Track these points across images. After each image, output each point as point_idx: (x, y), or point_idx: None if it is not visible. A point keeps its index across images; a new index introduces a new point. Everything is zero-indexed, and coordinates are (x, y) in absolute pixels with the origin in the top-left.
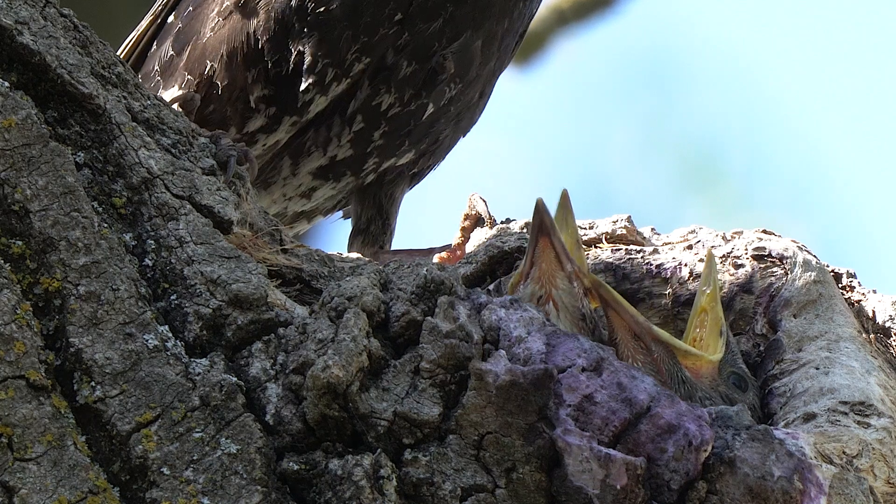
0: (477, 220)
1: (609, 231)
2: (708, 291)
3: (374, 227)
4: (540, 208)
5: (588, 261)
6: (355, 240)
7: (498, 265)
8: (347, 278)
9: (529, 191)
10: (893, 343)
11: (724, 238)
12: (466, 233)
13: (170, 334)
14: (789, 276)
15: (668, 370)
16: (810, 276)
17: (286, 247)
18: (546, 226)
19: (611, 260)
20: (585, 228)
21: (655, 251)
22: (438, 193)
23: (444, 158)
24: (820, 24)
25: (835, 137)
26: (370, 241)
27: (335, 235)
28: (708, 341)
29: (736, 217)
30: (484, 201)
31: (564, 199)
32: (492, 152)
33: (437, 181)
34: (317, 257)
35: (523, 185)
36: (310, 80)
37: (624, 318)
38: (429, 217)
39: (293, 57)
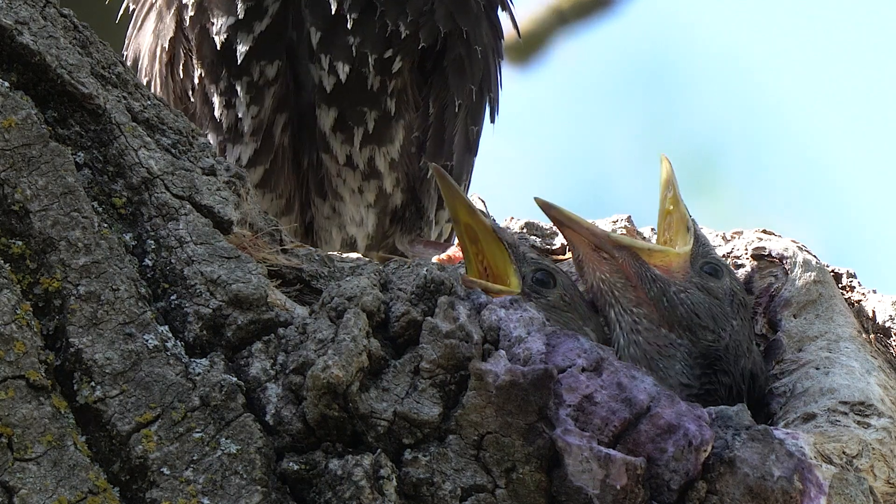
0: None
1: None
2: (670, 195)
3: (408, 214)
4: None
5: None
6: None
7: None
8: (347, 278)
9: (529, 190)
10: (893, 343)
11: (724, 238)
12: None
13: (170, 334)
14: (789, 276)
15: (637, 272)
16: (810, 276)
17: (286, 247)
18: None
19: None
20: None
21: None
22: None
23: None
24: (819, 25)
25: (834, 139)
26: (407, 229)
27: None
28: (675, 238)
29: (736, 218)
30: (483, 201)
31: (441, 176)
32: (492, 152)
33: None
34: (317, 257)
35: (523, 185)
36: None
37: (581, 232)
38: None
39: None
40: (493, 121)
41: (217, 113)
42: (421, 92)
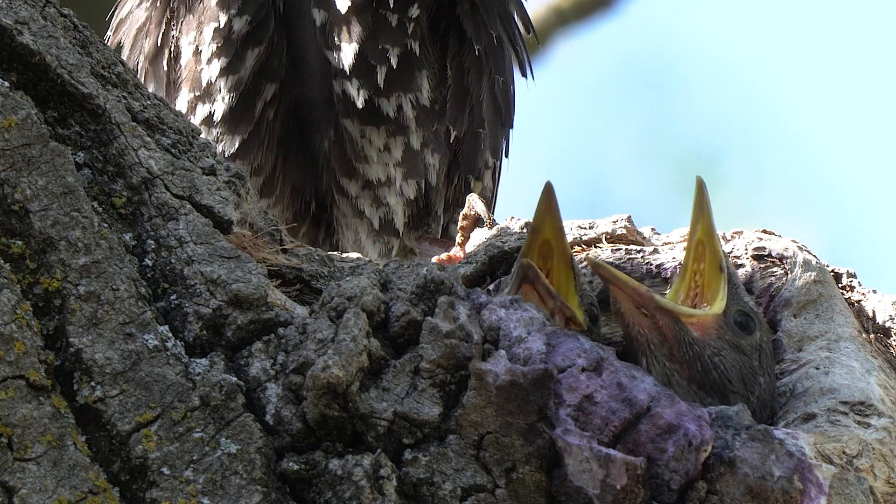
0: (476, 221)
1: (609, 231)
2: (701, 223)
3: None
4: (524, 265)
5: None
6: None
7: (498, 265)
8: (347, 278)
9: (529, 190)
10: (893, 343)
11: (724, 238)
12: (466, 232)
13: (170, 334)
14: (789, 275)
15: (675, 335)
16: (810, 276)
17: (286, 247)
18: (529, 276)
19: (611, 260)
20: (585, 228)
21: (655, 251)
22: None
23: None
24: (819, 27)
25: (834, 139)
26: (414, 225)
27: None
28: (708, 276)
29: (736, 218)
30: (483, 201)
31: (549, 192)
32: None
33: None
34: (317, 257)
35: (523, 185)
36: None
37: (626, 291)
38: None
39: None
40: (524, 75)
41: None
42: (436, 55)
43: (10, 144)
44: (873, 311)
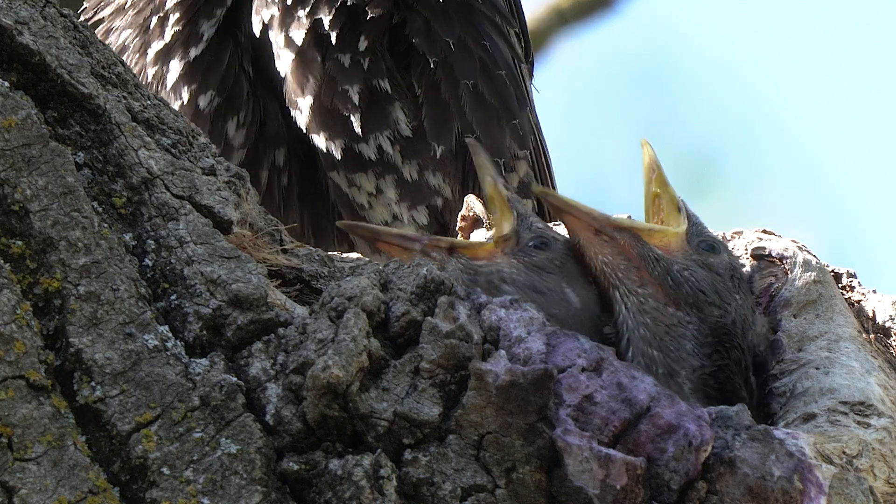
0: (475, 222)
1: None
2: (654, 176)
3: None
4: (343, 227)
5: None
6: None
7: None
8: (347, 278)
9: None
10: (893, 343)
11: (724, 238)
12: (465, 233)
13: (170, 334)
14: (789, 276)
15: (639, 253)
16: (810, 276)
17: (286, 247)
18: (365, 237)
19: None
20: None
21: None
22: None
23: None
24: (818, 28)
25: (834, 139)
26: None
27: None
28: (668, 220)
29: (736, 218)
30: (482, 202)
31: (474, 150)
32: None
33: None
34: (317, 257)
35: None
36: None
37: (580, 217)
38: None
39: None
40: (525, 61)
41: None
42: (407, 80)
43: (10, 144)
44: (873, 311)
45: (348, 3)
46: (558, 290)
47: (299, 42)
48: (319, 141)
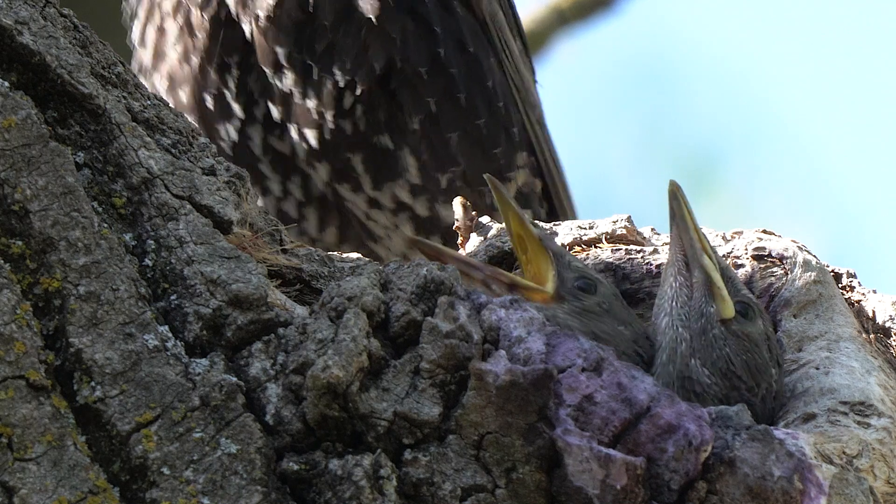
0: (469, 228)
1: (609, 231)
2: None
3: None
4: (412, 243)
5: (588, 261)
6: None
7: (498, 265)
8: (347, 278)
9: None
10: (893, 343)
11: (724, 238)
12: (463, 236)
13: (170, 334)
14: (789, 276)
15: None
16: (810, 276)
17: (286, 247)
18: (431, 254)
19: (611, 260)
20: (585, 228)
21: (655, 251)
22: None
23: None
24: (818, 28)
25: (834, 139)
26: None
27: None
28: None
29: (736, 218)
30: (463, 206)
31: (494, 186)
32: None
33: None
34: (317, 257)
35: None
36: None
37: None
38: None
39: None
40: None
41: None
42: (392, 112)
43: (10, 144)
44: (873, 311)
45: (341, 85)
46: (614, 331)
47: (313, 133)
48: (342, 190)
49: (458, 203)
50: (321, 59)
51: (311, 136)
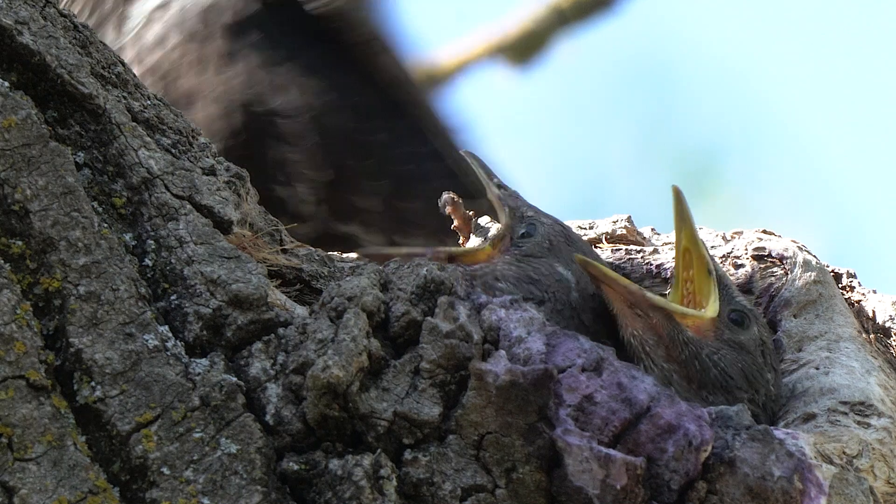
0: (465, 221)
1: (609, 231)
2: (685, 231)
3: None
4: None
5: None
6: None
7: None
8: (347, 278)
9: (529, 190)
10: (893, 343)
11: (724, 238)
12: (463, 234)
13: (170, 334)
14: (789, 276)
15: (669, 334)
16: (810, 276)
17: (286, 247)
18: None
19: (611, 260)
20: (585, 228)
21: (655, 251)
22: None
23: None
24: (818, 27)
25: (834, 140)
26: None
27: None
28: (700, 286)
29: (736, 218)
30: (454, 203)
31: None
32: (490, 152)
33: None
34: (317, 257)
35: (523, 185)
36: None
37: (617, 290)
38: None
39: None
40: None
41: None
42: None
43: (10, 144)
44: (873, 311)
45: None
46: (551, 271)
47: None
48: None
49: (447, 199)
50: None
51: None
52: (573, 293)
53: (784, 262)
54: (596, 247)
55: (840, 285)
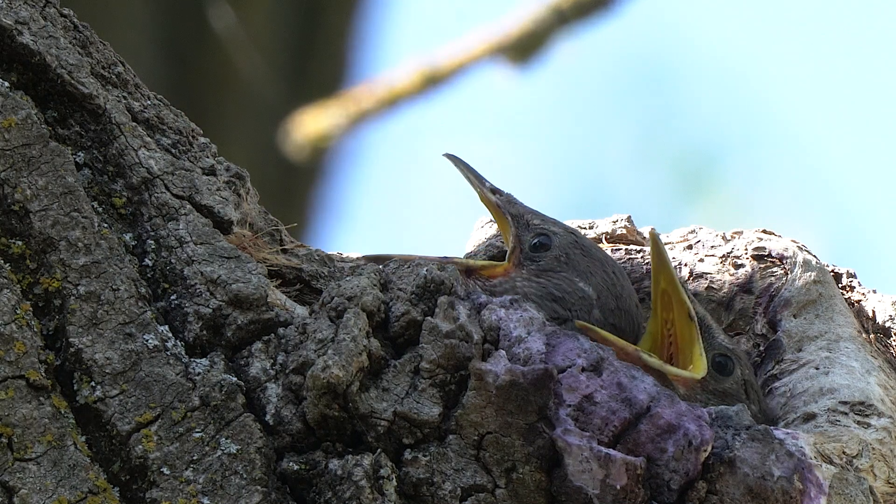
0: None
1: (609, 231)
2: (664, 275)
3: None
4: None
5: None
6: None
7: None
8: (347, 278)
9: (529, 190)
10: (893, 343)
11: (724, 238)
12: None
13: (170, 334)
14: (789, 276)
15: None
16: (810, 276)
17: (286, 247)
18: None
19: None
20: (585, 228)
21: None
22: (436, 194)
23: None
24: (818, 27)
25: (834, 139)
26: None
27: (335, 235)
28: (681, 330)
29: (736, 218)
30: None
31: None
32: (490, 152)
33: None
34: (317, 257)
35: (522, 185)
36: None
37: (613, 348)
38: (426, 218)
39: None
40: None
41: None
42: None
43: (10, 144)
44: (873, 311)
45: None
46: (573, 288)
47: None
48: None
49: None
50: None
51: None
52: (595, 310)
53: (784, 261)
54: None
55: (840, 285)
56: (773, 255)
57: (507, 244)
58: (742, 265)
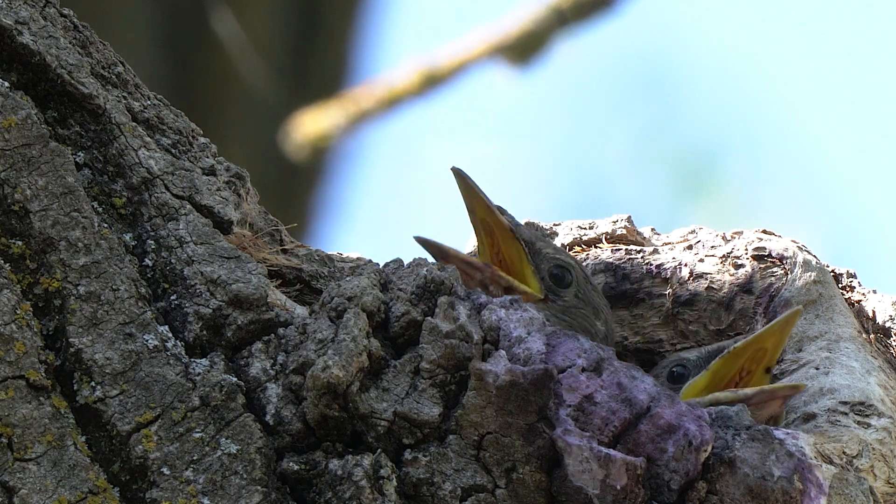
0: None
1: (609, 231)
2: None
3: None
4: (420, 241)
5: (588, 261)
6: None
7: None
8: (347, 278)
9: (529, 191)
10: (893, 343)
11: (724, 238)
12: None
13: (170, 334)
14: (789, 276)
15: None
16: (810, 276)
17: (286, 247)
18: (440, 254)
19: (611, 260)
20: (585, 228)
21: (655, 251)
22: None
23: None
24: (819, 25)
25: (834, 139)
26: None
27: (335, 236)
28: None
29: (736, 218)
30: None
31: (459, 176)
32: (490, 152)
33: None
34: (317, 257)
35: (522, 185)
36: None
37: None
38: (426, 218)
39: None
40: None
41: None
42: None
43: (10, 144)
44: (873, 311)
45: None
46: (593, 329)
47: None
48: None
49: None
50: None
51: None
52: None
53: (784, 262)
54: (596, 247)
55: (840, 285)
56: (774, 255)
57: (510, 266)
58: (742, 265)
